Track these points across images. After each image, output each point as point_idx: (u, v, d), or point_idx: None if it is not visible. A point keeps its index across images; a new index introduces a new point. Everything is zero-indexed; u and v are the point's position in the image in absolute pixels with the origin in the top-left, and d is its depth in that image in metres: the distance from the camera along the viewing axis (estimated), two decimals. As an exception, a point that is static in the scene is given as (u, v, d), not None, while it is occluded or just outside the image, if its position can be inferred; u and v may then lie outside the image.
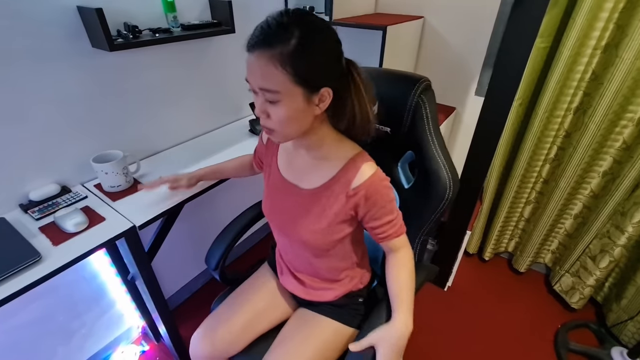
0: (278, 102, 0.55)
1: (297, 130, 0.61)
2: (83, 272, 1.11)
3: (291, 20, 0.53)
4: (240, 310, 0.85)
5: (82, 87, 0.93)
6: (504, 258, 1.79)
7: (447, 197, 0.76)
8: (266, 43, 0.52)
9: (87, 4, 0.85)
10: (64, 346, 1.15)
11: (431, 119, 0.78)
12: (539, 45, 1.21)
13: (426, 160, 0.79)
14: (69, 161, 0.96)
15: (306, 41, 0.52)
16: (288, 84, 0.53)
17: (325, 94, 0.57)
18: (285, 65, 0.52)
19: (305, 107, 0.57)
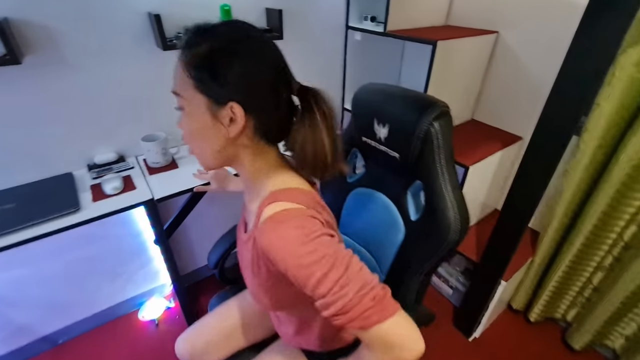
0: (183, 109, 0.52)
1: (206, 151, 0.54)
2: (130, 229, 1.34)
3: (217, 28, 0.49)
4: (225, 322, 0.86)
5: (145, 77, 1.13)
6: (560, 326, 1.48)
7: (449, 239, 0.70)
8: (181, 45, 0.50)
9: (154, 10, 1.02)
10: (109, 284, 1.41)
11: (443, 150, 0.71)
12: (635, 75, 0.96)
13: (433, 195, 0.73)
14: (127, 137, 1.18)
15: (216, 49, 0.47)
16: (190, 90, 0.49)
17: (234, 111, 0.48)
18: (190, 68, 0.48)
19: (213, 124, 0.50)
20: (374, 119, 0.81)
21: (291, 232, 0.46)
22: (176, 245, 1.49)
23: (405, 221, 0.82)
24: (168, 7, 1.05)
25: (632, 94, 0.99)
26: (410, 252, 0.81)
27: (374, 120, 0.81)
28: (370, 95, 0.84)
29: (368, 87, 0.86)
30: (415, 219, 0.80)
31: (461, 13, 1.47)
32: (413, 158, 0.75)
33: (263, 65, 0.49)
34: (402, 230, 0.82)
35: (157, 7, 1.04)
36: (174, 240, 1.45)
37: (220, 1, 1.13)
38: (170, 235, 1.24)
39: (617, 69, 0.97)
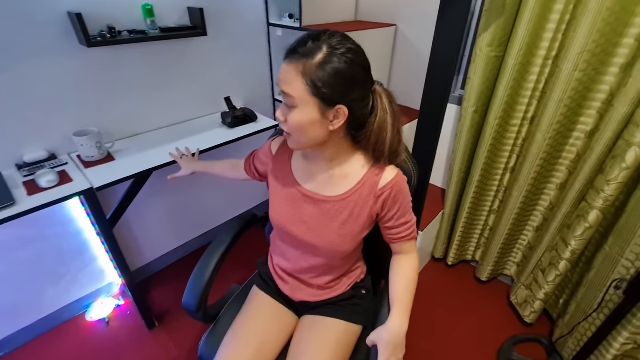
0: (294, 108, 0.62)
1: (310, 139, 0.66)
2: (69, 228, 1.35)
3: (325, 39, 0.60)
4: (248, 347, 0.80)
5: (73, 75, 1.16)
6: (473, 266, 1.79)
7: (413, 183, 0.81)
8: (296, 53, 0.59)
9: (75, 9, 1.07)
10: (53, 287, 1.40)
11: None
12: (490, 54, 1.24)
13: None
14: (58, 134, 1.20)
15: (330, 60, 0.58)
16: (305, 94, 0.60)
17: (340, 111, 0.62)
18: (305, 76, 0.59)
19: (320, 120, 0.62)
20: None
21: (408, 187, 0.76)
22: (121, 242, 1.51)
23: None
24: (89, 6, 1.11)
25: (490, 67, 1.27)
26: None
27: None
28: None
29: None
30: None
31: (367, 9, 1.70)
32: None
33: (361, 72, 0.62)
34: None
35: (77, 6, 1.09)
36: (118, 237, 1.47)
37: (141, 1, 1.21)
38: (114, 226, 1.28)
39: (478, 49, 1.25)
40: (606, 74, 1.08)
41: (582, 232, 1.17)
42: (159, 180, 1.39)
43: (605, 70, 1.08)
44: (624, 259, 1.05)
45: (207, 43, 1.44)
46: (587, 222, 1.15)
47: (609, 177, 1.06)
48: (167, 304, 1.58)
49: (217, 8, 1.41)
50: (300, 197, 0.78)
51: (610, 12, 0.98)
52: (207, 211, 1.85)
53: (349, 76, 0.60)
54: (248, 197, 2.04)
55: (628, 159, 1.01)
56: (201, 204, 1.79)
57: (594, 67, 1.07)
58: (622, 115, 1.02)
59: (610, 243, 1.10)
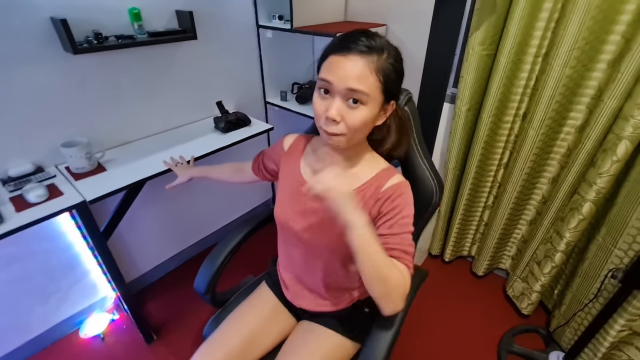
0: (364, 105, 0.60)
1: (362, 135, 0.67)
2: (59, 243, 1.29)
3: (379, 38, 0.62)
4: (237, 334, 0.83)
5: (58, 83, 1.11)
6: (469, 261, 1.81)
7: (433, 202, 0.81)
8: (365, 50, 0.58)
9: (58, 15, 1.02)
10: (41, 306, 1.33)
11: (414, 130, 0.84)
12: (482, 53, 1.26)
13: (413, 168, 0.84)
14: (44, 146, 1.14)
15: (395, 59, 0.62)
16: (376, 91, 0.60)
17: (390, 106, 0.66)
18: (379, 73, 0.59)
19: (376, 115, 0.64)
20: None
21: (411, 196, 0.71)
22: (114, 254, 1.45)
23: None
24: (73, 12, 1.06)
25: (482, 66, 1.29)
26: None
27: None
28: None
29: None
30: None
31: (356, 10, 1.70)
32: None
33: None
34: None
35: (61, 12, 1.04)
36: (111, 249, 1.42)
37: (128, 4, 1.17)
38: (108, 238, 1.23)
39: (470, 48, 1.26)
40: (594, 70, 1.12)
41: (576, 224, 1.21)
42: (152, 189, 1.35)
43: (593, 66, 1.11)
44: (616, 249, 1.08)
45: (196, 47, 1.40)
46: (581, 214, 1.18)
47: (600, 170, 1.09)
48: (164, 316, 1.54)
49: (206, 11, 1.38)
50: (305, 192, 0.76)
51: (598, 9, 1.00)
52: (201, 218, 1.81)
53: (402, 72, 0.65)
54: (242, 202, 2.01)
55: (619, 152, 1.04)
56: (195, 211, 1.75)
57: (582, 64, 1.10)
58: (612, 110, 1.05)
59: (602, 234, 1.14)
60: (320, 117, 0.64)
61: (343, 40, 0.61)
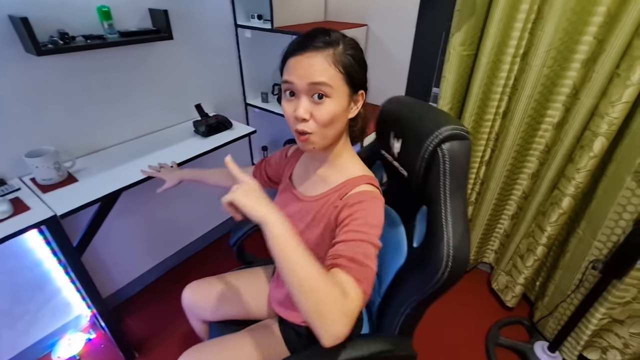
0: (329, 98, 0.60)
1: (334, 133, 0.64)
2: (25, 260, 1.19)
3: (333, 32, 0.63)
4: (224, 287, 0.95)
5: (18, 88, 1.02)
6: (453, 257, 1.84)
7: (439, 276, 0.63)
8: (319, 45, 0.59)
9: (18, 13, 0.93)
10: (8, 330, 1.22)
11: (450, 178, 0.64)
12: (462, 53, 1.28)
13: (433, 225, 0.67)
14: (6, 156, 1.04)
15: (354, 48, 0.63)
16: (338, 81, 0.60)
17: (360, 96, 0.65)
18: (337, 64, 0.60)
19: (346, 108, 0.63)
20: (391, 132, 0.77)
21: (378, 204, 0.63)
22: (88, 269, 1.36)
23: (408, 246, 0.78)
24: (35, 10, 0.97)
25: (463, 66, 1.31)
26: (404, 280, 0.77)
27: (391, 133, 0.77)
28: (393, 107, 0.81)
29: (395, 99, 0.83)
30: (416, 246, 0.75)
31: (336, 10, 1.68)
32: (418, 180, 0.69)
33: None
34: (404, 254, 0.78)
35: (20, 9, 0.95)
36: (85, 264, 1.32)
37: (96, 2, 1.09)
38: (82, 253, 1.14)
39: (451, 48, 1.27)
40: (569, 69, 1.16)
41: (556, 218, 1.25)
42: (127, 199, 1.28)
43: (568, 65, 1.15)
44: (596, 241, 1.13)
45: (171, 47, 1.33)
46: (561, 209, 1.22)
47: (578, 165, 1.14)
48: (145, 331, 1.46)
49: (181, 9, 1.32)
50: (289, 194, 0.78)
51: (572, 11, 1.04)
52: (181, 226, 1.73)
53: (364, 62, 0.65)
54: (220, 210, 1.94)
55: (595, 147, 1.09)
56: (174, 219, 1.67)
57: (559, 63, 1.14)
58: (587, 108, 1.09)
59: (582, 227, 1.19)
60: (290, 119, 0.63)
61: (299, 41, 0.62)
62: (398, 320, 0.76)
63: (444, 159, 0.63)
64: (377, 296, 0.89)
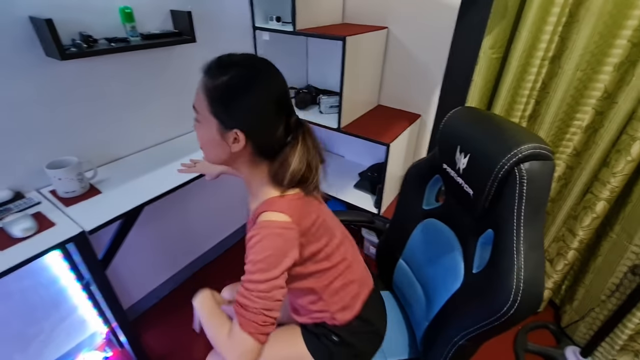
0: (198, 122, 0.63)
1: (214, 157, 0.66)
2: (40, 278, 1.11)
3: (237, 63, 0.59)
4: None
5: (38, 94, 0.95)
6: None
7: (502, 311, 0.57)
8: (204, 72, 0.60)
9: (39, 14, 0.87)
10: (21, 353, 1.14)
11: (527, 201, 0.58)
12: (491, 56, 1.26)
13: (500, 251, 0.61)
14: (23, 167, 0.97)
15: (231, 85, 0.58)
16: (205, 111, 0.60)
17: (238, 136, 0.60)
18: (207, 95, 0.59)
19: (220, 141, 0.62)
20: (457, 146, 0.71)
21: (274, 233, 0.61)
22: (103, 284, 1.29)
23: (466, 270, 0.71)
24: (57, 11, 0.91)
25: (491, 69, 1.29)
26: (458, 308, 0.71)
27: (457, 147, 0.71)
28: (460, 119, 0.76)
29: (460, 111, 0.78)
30: (476, 272, 0.68)
31: (354, 12, 1.65)
32: (487, 201, 0.63)
33: (268, 101, 0.61)
34: (460, 279, 0.72)
35: (42, 10, 0.89)
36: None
37: (118, 3, 1.03)
38: (107, 268, 1.07)
39: (481, 52, 1.26)
40: (602, 72, 1.15)
41: (589, 222, 1.24)
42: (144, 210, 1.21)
43: (600, 69, 1.14)
44: (632, 245, 1.12)
45: (191, 50, 1.28)
46: (595, 213, 1.22)
47: (614, 169, 1.13)
48: (164, 346, 1.39)
49: (201, 11, 1.26)
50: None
51: (609, 15, 1.03)
52: (196, 235, 1.67)
53: (250, 102, 0.59)
54: (235, 216, 1.88)
55: (633, 152, 1.08)
56: (188, 228, 1.61)
57: (592, 67, 1.14)
58: (625, 112, 1.08)
59: (617, 231, 1.18)
60: None
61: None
62: (449, 350, 0.70)
63: (521, 180, 0.57)
64: (424, 320, 0.84)
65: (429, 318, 0.80)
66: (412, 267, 0.91)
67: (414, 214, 0.91)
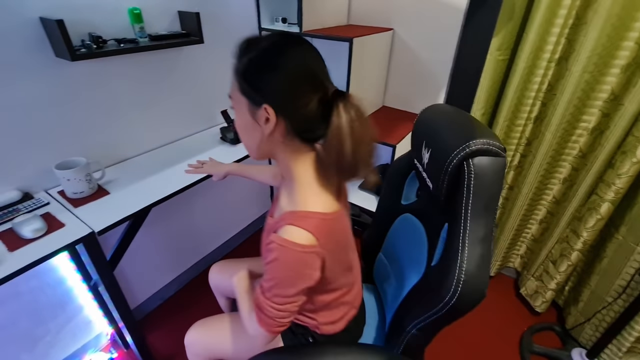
0: (233, 108, 0.63)
1: (250, 144, 0.65)
2: (47, 278, 1.11)
3: (263, 40, 0.58)
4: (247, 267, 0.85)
5: (47, 95, 0.95)
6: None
7: (445, 302, 0.59)
8: (234, 56, 0.60)
9: (49, 15, 0.87)
10: (27, 353, 1.14)
11: (475, 196, 0.58)
12: (498, 57, 1.27)
13: (450, 244, 0.62)
14: (31, 168, 0.97)
15: (256, 61, 0.57)
16: (236, 92, 0.60)
17: (268, 112, 0.56)
18: (236, 76, 0.59)
19: (252, 122, 0.59)
20: (423, 142, 0.73)
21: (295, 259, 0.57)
22: (109, 285, 1.29)
23: (427, 263, 0.73)
24: (66, 12, 0.91)
25: (497, 71, 1.30)
26: (414, 298, 0.73)
27: (423, 142, 0.73)
28: (428, 116, 0.77)
29: (432, 108, 0.79)
30: (433, 265, 0.70)
31: (359, 13, 1.65)
32: (442, 194, 0.65)
33: (295, 74, 0.57)
34: (421, 271, 0.74)
35: (51, 11, 0.89)
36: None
37: (127, 4, 1.03)
38: (114, 269, 1.07)
39: (488, 53, 1.26)
40: (608, 74, 1.15)
41: (593, 224, 1.24)
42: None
43: (607, 71, 1.15)
44: (639, 247, 1.13)
45: (198, 51, 1.28)
46: (599, 214, 1.22)
47: (619, 171, 1.13)
48: (168, 348, 1.39)
49: (208, 12, 1.26)
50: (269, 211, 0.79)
51: (617, 17, 1.04)
52: (201, 236, 1.67)
53: (274, 75, 0.56)
54: (240, 216, 1.88)
55: (639, 153, 1.08)
56: (193, 229, 1.61)
57: (599, 69, 1.14)
58: (632, 114, 1.09)
59: (622, 233, 1.18)
60: None
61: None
62: (403, 339, 0.72)
63: (469, 174, 0.58)
64: (391, 309, 0.86)
65: (394, 308, 0.83)
66: (389, 260, 0.94)
67: (393, 208, 0.92)
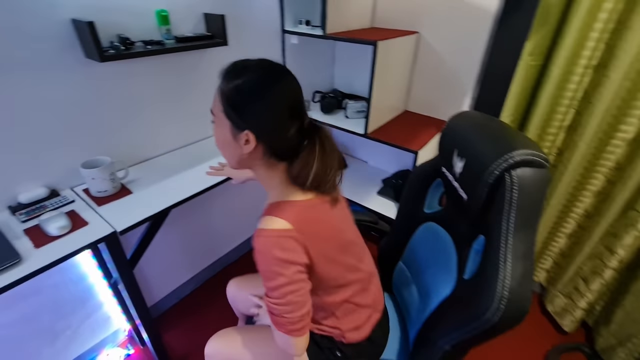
0: (214, 122, 0.65)
1: (229, 158, 0.68)
2: (70, 274, 1.13)
3: (251, 68, 0.61)
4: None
5: (76, 95, 0.97)
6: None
7: (484, 319, 0.56)
8: (221, 76, 0.62)
9: (81, 17, 0.89)
10: (49, 347, 1.17)
11: (517, 209, 0.55)
12: (530, 63, 1.21)
13: (488, 259, 0.59)
14: (59, 166, 0.99)
15: (243, 89, 0.59)
16: (220, 113, 0.62)
17: (249, 137, 0.60)
18: (221, 97, 0.61)
19: (232, 141, 0.63)
20: (454, 150, 0.70)
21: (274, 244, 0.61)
22: (128, 282, 1.31)
23: (458, 276, 0.70)
24: (97, 14, 0.92)
25: (528, 77, 1.24)
26: (447, 313, 0.70)
27: (454, 151, 0.70)
28: (460, 123, 0.74)
29: (464, 114, 0.76)
30: (467, 278, 0.67)
31: (384, 16, 1.62)
32: (478, 206, 0.62)
33: (278, 105, 0.61)
34: (452, 284, 0.71)
35: (82, 13, 0.91)
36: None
37: (154, 6, 1.04)
38: (133, 268, 1.08)
39: (521, 58, 1.21)
40: (651, 82, 1.08)
41: (632, 242, 1.17)
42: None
43: (650, 79, 1.08)
44: (682, 268, 1.05)
45: (222, 53, 1.28)
46: (637, 230, 1.14)
47: (662, 186, 1.06)
48: (183, 346, 1.39)
49: (233, 14, 1.26)
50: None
51: (664, 21, 0.97)
52: (217, 237, 1.68)
53: (260, 105, 0.59)
54: (257, 217, 1.88)
55: (685, 168, 1.01)
56: (210, 230, 1.62)
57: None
58: (678, 125, 1.02)
59: (664, 252, 1.11)
60: None
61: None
62: (434, 354, 0.69)
63: (512, 187, 0.54)
64: (416, 322, 0.83)
65: (421, 321, 0.80)
66: (411, 269, 0.91)
67: (415, 217, 0.90)
